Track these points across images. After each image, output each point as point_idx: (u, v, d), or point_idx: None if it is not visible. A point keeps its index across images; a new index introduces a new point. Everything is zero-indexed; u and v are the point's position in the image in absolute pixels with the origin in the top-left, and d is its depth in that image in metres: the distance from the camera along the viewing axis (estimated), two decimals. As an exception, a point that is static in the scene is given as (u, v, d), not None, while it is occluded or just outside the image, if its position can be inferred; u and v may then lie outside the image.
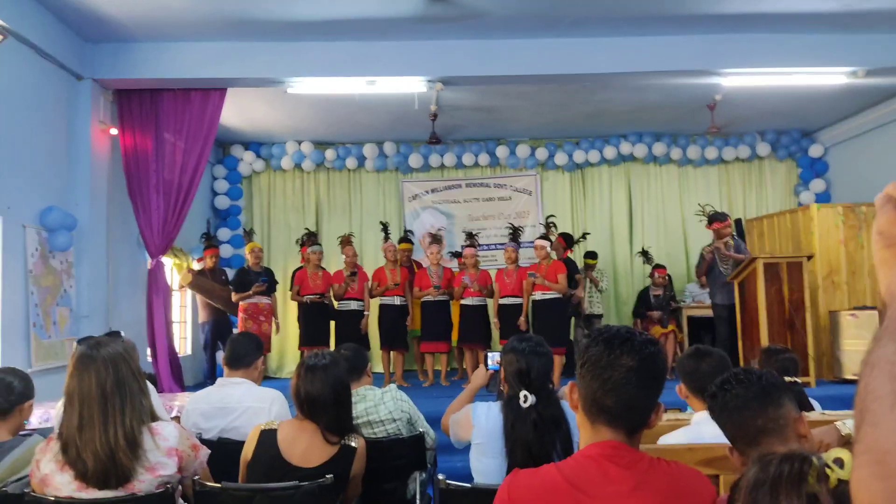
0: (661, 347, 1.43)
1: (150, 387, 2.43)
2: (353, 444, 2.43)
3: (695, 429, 2.38)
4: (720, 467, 2.09)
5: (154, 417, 2.23)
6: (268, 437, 2.40)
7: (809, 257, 6.65)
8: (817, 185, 9.27)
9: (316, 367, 2.44)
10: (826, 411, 3.25)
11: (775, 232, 8.04)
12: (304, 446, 2.38)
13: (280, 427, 2.44)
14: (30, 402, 2.50)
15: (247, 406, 2.93)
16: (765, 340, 6.09)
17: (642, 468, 1.35)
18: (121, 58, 6.14)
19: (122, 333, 2.36)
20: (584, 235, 8.46)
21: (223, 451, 2.77)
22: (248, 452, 2.43)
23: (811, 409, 3.16)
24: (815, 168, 9.40)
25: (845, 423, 2.20)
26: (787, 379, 3.08)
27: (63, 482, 2.05)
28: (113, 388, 2.10)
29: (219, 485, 2.23)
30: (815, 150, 9.33)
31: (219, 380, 3.13)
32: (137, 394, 2.17)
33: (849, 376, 6.49)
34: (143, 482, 2.12)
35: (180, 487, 2.29)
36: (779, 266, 6.36)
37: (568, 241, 7.92)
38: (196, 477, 2.28)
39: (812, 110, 8.45)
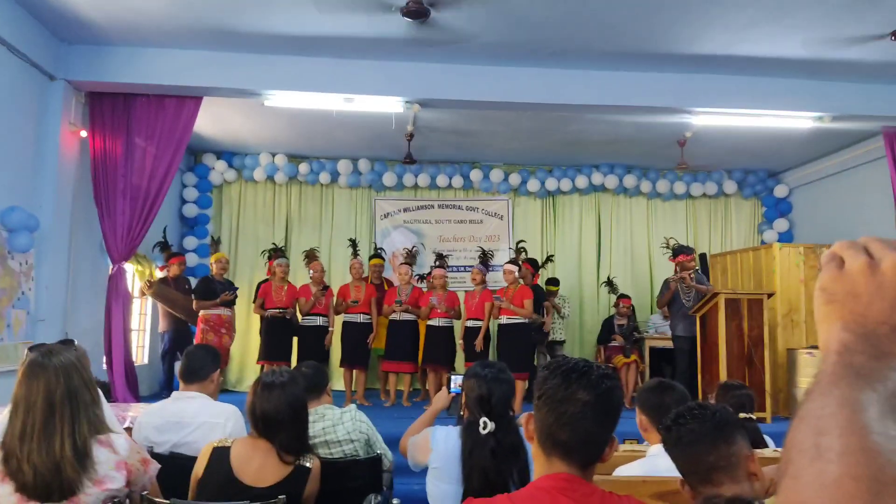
0: (618, 382, 1.44)
1: (102, 397, 2.37)
2: (307, 464, 2.39)
3: (650, 461, 2.40)
4: (674, 501, 2.11)
5: (105, 429, 2.18)
6: (220, 455, 2.35)
7: (770, 295, 6.79)
8: (781, 224, 9.49)
9: (273, 385, 2.41)
10: (779, 448, 3.31)
11: (738, 268, 8.20)
12: (258, 465, 2.34)
13: (234, 444, 2.39)
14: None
15: (202, 421, 2.87)
16: (723, 375, 6.18)
17: (594, 502, 1.35)
18: (96, 60, 6.06)
19: (76, 341, 2.30)
20: (549, 258, 8.52)
21: (175, 466, 2.70)
22: (199, 469, 2.38)
23: (765, 445, 3.21)
24: (779, 208, 9.63)
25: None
26: (743, 415, 3.14)
27: (3, 494, 1.99)
28: (63, 397, 2.05)
29: (167, 501, 2.18)
30: (780, 191, 9.57)
31: (174, 393, 3.06)
32: (90, 404, 2.12)
33: (804, 414, 6.59)
34: (90, 496, 2.06)
35: (128, 502, 2.23)
36: (740, 302, 6.49)
37: (535, 266, 7.99)
38: (144, 492, 2.22)
39: (779, 152, 8.67)
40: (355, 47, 5.95)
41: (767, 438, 3.34)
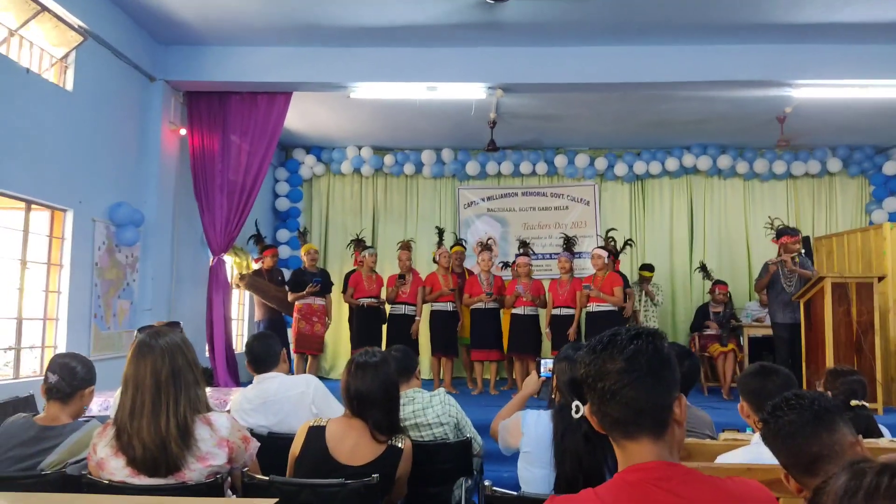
0: (651, 338, 1.26)
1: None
2: (399, 444, 2.42)
3: (755, 449, 2.28)
4: (780, 490, 1.99)
5: (207, 408, 2.27)
6: (316, 434, 2.42)
7: (881, 278, 6.34)
8: (891, 203, 8.85)
9: (367, 365, 2.45)
10: (895, 438, 3.08)
11: (844, 251, 7.70)
12: (352, 444, 2.39)
13: (328, 424, 2.45)
14: (91, 388, 2.57)
15: (285, 395, 3.00)
16: (830, 363, 5.83)
17: (694, 490, 1.20)
18: (192, 60, 6.35)
19: (182, 324, 2.41)
20: (627, 242, 8.22)
21: (273, 446, 2.80)
22: (296, 448, 2.45)
23: (880, 435, 3.00)
24: (888, 186, 8.98)
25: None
26: (854, 402, 2.95)
27: (117, 467, 2.10)
28: (168, 377, 2.14)
29: (267, 478, 2.25)
30: (889, 167, 8.91)
31: (255, 379, 3.18)
32: (192, 384, 2.21)
33: (922, 406, 6.15)
34: (194, 471, 2.15)
35: (229, 479, 2.32)
36: (847, 286, 6.09)
37: (614, 253, 7.75)
38: (245, 469, 2.30)
39: (886, 125, 8.07)
40: (437, 35, 5.96)
41: (883, 428, 3.12)
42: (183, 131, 6.55)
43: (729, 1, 5.30)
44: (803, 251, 6.80)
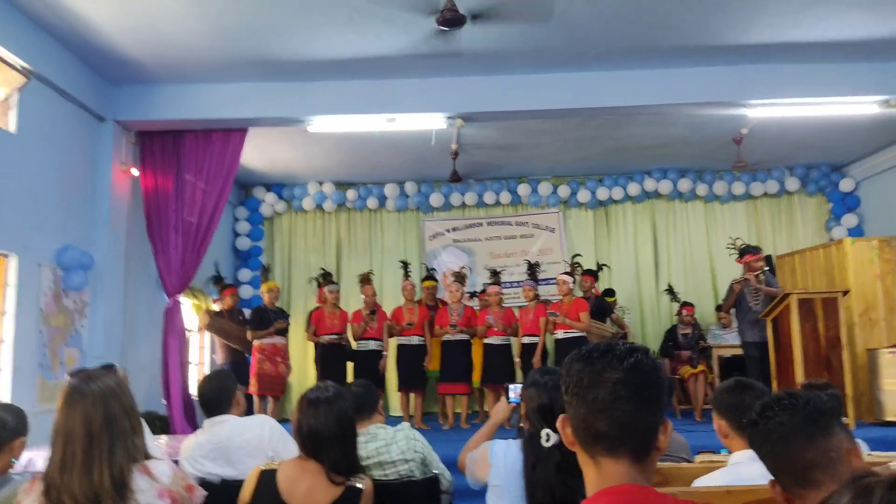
0: (649, 355, 1.21)
1: (146, 427, 2.29)
2: (359, 485, 2.25)
3: (733, 470, 2.17)
4: (761, 512, 1.89)
5: (147, 456, 2.09)
6: (267, 478, 2.24)
7: (845, 293, 6.37)
8: (849, 219, 8.98)
9: (319, 401, 2.29)
10: (873, 452, 3.00)
11: (808, 268, 7.77)
12: (306, 487, 2.21)
13: (281, 467, 2.27)
14: (21, 439, 2.37)
15: (240, 441, 2.79)
16: (800, 379, 5.80)
17: None
18: (143, 99, 6.20)
19: (117, 365, 2.23)
20: (600, 267, 8.23)
21: (227, 495, 2.61)
22: (245, 495, 2.27)
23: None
24: (846, 202, 9.13)
25: (896, 465, 1.99)
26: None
27: (43, 526, 1.91)
28: (102, 425, 1.97)
29: (215, 529, 2.07)
30: (845, 185, 9.07)
31: (204, 423, 2.98)
32: (129, 432, 2.03)
33: (891, 418, 6.14)
34: (134, 526, 1.97)
35: (175, 532, 2.13)
36: (813, 302, 6.10)
37: (595, 277, 7.76)
38: (191, 521, 2.12)
39: (842, 144, 8.24)
40: (395, 66, 5.92)
41: (860, 441, 3.04)
42: (135, 171, 6.36)
43: (682, 24, 5.36)
44: (767, 269, 6.83)
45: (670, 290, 8.45)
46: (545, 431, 2.19)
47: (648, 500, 1.13)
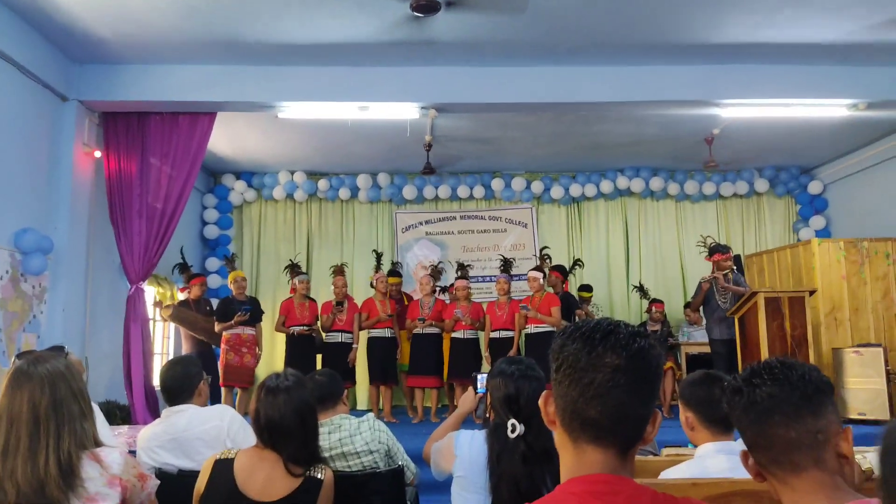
0: (653, 341, 1.12)
1: (98, 412, 2.19)
2: (318, 475, 2.18)
3: (699, 462, 2.15)
4: (729, 505, 1.87)
5: (97, 444, 2.00)
6: (222, 468, 2.15)
7: (812, 292, 6.46)
8: (817, 221, 9.12)
9: (278, 389, 2.20)
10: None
11: (775, 267, 7.86)
12: (264, 478, 2.13)
13: (237, 456, 2.19)
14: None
15: (198, 432, 2.69)
16: (767, 378, 5.85)
17: None
18: (108, 79, 6.01)
19: (67, 348, 2.13)
20: (576, 262, 8.25)
21: (183, 485, 2.52)
22: (200, 485, 2.18)
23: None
24: (814, 205, 9.27)
25: (865, 456, 1.97)
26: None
27: (-17, 515, 1.81)
28: (49, 409, 1.87)
29: (167, 520, 1.99)
30: (814, 187, 9.21)
31: (163, 412, 2.87)
32: (78, 417, 1.94)
33: (854, 415, 6.24)
34: (81, 515, 1.88)
35: (125, 522, 2.04)
36: (780, 301, 6.17)
37: (563, 273, 7.74)
38: (143, 511, 2.03)
39: (811, 147, 8.35)
40: (368, 53, 5.82)
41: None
42: (98, 153, 6.18)
43: (656, 22, 5.36)
44: (735, 268, 6.88)
45: (640, 288, 8.49)
46: (511, 422, 2.15)
47: (628, 491, 1.06)
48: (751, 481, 1.94)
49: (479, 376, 2.75)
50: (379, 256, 8.11)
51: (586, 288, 8.28)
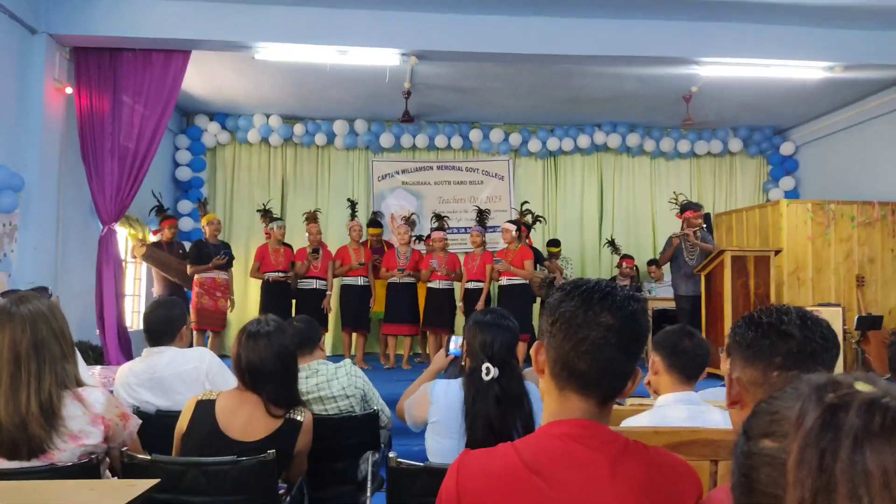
0: (644, 305, 1.23)
1: (79, 354, 2.22)
2: (298, 417, 2.26)
3: (659, 412, 2.27)
4: (686, 452, 1.97)
5: (80, 383, 2.04)
6: (204, 408, 2.22)
7: (777, 252, 6.63)
8: (787, 182, 9.29)
9: (259, 334, 2.26)
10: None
11: (743, 226, 8.04)
12: (245, 419, 2.20)
13: (219, 398, 2.25)
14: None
15: (178, 370, 2.75)
16: (728, 333, 6.06)
17: (615, 451, 1.14)
18: (79, 12, 5.80)
19: (51, 289, 2.15)
20: (536, 218, 8.23)
21: (161, 425, 2.58)
22: (182, 424, 2.24)
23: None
24: (785, 166, 9.42)
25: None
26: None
27: (-31, 450, 1.86)
28: (29, 349, 1.91)
29: (149, 457, 2.05)
30: (786, 148, 9.35)
31: (144, 351, 2.90)
32: (59, 357, 1.98)
33: (810, 372, 6.49)
34: (65, 452, 1.94)
35: (107, 459, 2.11)
36: (746, 259, 6.33)
37: (526, 227, 7.74)
38: (125, 448, 2.09)
39: (785, 108, 8.44)
40: (348, -4, 5.70)
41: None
42: (69, 90, 6.01)
43: (641, -26, 5.32)
44: (705, 226, 7.02)
45: (612, 243, 8.62)
46: (486, 365, 2.24)
47: (601, 436, 1.16)
48: (710, 430, 2.07)
49: (452, 338, 2.83)
50: (353, 205, 8.09)
51: (554, 243, 8.37)
